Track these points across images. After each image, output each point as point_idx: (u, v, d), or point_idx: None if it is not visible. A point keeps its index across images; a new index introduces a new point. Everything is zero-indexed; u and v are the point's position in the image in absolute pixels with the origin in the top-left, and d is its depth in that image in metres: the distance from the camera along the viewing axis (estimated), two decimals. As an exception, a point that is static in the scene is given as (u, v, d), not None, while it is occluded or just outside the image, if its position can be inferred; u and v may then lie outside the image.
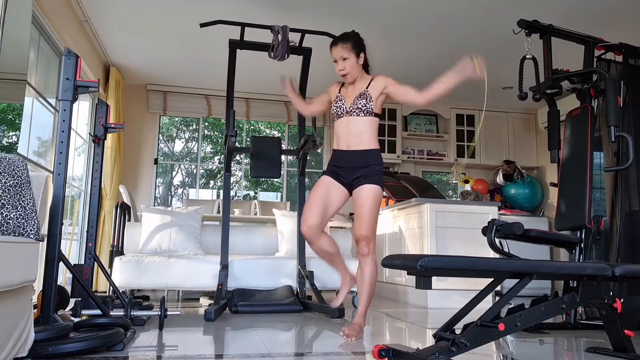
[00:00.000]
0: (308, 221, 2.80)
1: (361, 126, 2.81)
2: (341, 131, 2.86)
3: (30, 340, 1.87)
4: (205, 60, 5.64)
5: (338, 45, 2.83)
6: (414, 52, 5.29)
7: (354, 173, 2.81)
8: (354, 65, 2.82)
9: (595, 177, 3.45)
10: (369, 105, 2.79)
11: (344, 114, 2.84)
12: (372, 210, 2.75)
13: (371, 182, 2.76)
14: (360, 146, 2.81)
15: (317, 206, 2.81)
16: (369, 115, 2.80)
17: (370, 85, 2.82)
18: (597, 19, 4.42)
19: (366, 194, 2.75)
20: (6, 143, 3.51)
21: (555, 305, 2.01)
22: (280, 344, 2.46)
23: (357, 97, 2.81)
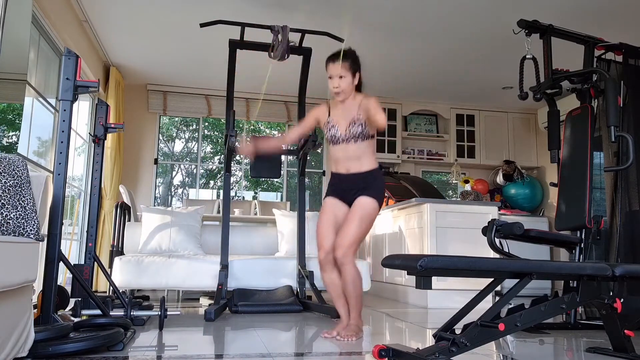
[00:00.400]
0: (324, 246, 2.77)
1: (359, 151, 2.78)
2: (339, 156, 2.83)
3: (30, 340, 1.87)
4: (205, 60, 5.64)
5: (336, 62, 2.76)
6: (414, 52, 5.29)
7: (354, 192, 2.79)
8: (349, 84, 2.77)
9: (595, 177, 3.45)
10: (364, 131, 2.75)
11: (339, 142, 2.81)
12: (360, 222, 2.69)
13: (367, 195, 2.73)
14: (360, 169, 2.79)
15: (329, 230, 2.79)
16: (366, 140, 2.78)
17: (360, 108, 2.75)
18: (597, 19, 4.42)
19: (359, 205, 2.72)
20: (6, 143, 3.51)
21: (555, 305, 2.01)
22: (280, 344, 2.46)
23: (350, 125, 2.77)
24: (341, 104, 2.85)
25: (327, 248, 2.77)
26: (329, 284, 2.84)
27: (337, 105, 2.87)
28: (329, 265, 2.78)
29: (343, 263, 2.68)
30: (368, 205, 2.72)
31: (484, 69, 5.71)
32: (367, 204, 2.72)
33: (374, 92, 6.48)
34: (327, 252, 2.76)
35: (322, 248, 2.78)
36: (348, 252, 2.67)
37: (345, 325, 2.72)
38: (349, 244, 2.67)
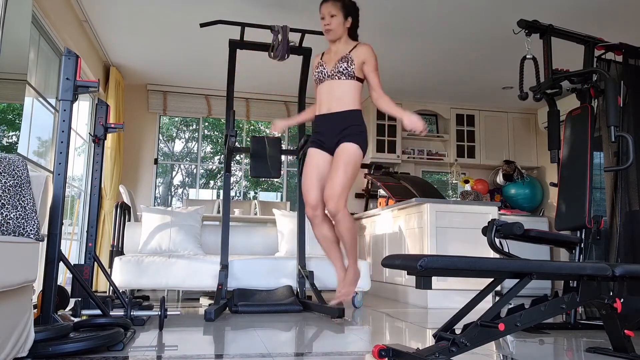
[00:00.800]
0: (310, 201, 2.78)
1: (343, 89, 2.77)
2: (323, 96, 2.83)
3: (30, 340, 1.87)
4: (205, 60, 5.64)
5: (329, 1, 2.83)
6: (414, 52, 5.29)
7: (335, 136, 2.77)
8: (340, 23, 2.80)
9: (595, 177, 3.45)
10: (350, 69, 2.75)
11: (325, 78, 2.82)
12: (346, 167, 2.67)
13: (349, 141, 2.71)
14: (341, 108, 2.77)
15: (314, 183, 2.79)
16: (351, 79, 2.77)
17: (353, 50, 2.79)
18: (597, 19, 4.42)
19: (342, 151, 2.70)
20: (6, 143, 3.51)
21: (555, 305, 2.01)
22: (280, 344, 2.46)
23: (338, 61, 2.78)
24: (333, 47, 2.87)
25: (314, 202, 2.78)
26: (320, 236, 2.87)
27: (329, 50, 2.91)
28: (318, 218, 2.81)
29: (336, 213, 2.68)
30: (351, 150, 2.70)
31: (484, 69, 5.71)
32: (350, 149, 2.70)
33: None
34: (314, 206, 2.78)
35: (309, 203, 2.80)
36: (339, 203, 2.67)
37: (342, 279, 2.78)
38: (338, 194, 2.66)
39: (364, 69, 2.80)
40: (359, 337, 2.76)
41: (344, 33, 2.85)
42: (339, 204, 2.67)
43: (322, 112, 2.84)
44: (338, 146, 2.75)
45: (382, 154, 6.61)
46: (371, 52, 2.81)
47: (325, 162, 2.82)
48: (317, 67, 2.90)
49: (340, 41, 2.85)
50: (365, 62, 2.78)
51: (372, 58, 2.80)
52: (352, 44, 2.85)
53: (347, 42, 2.86)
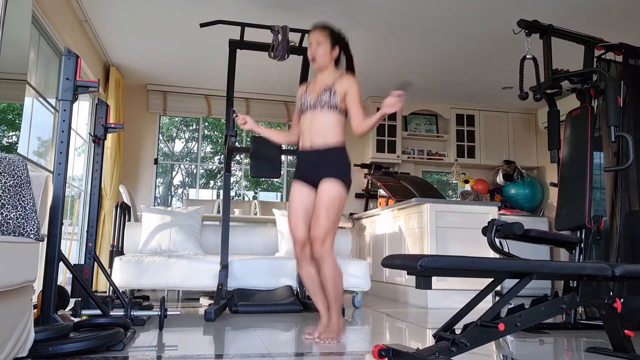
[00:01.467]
0: (298, 239, 2.72)
1: (325, 121, 2.71)
2: (305, 128, 2.78)
3: (30, 340, 1.87)
4: (205, 60, 5.64)
5: (316, 30, 2.80)
6: (414, 52, 5.29)
7: (318, 172, 2.71)
8: (326, 53, 2.75)
9: (595, 177, 3.45)
10: (332, 100, 2.70)
11: (308, 109, 2.77)
12: (329, 209, 2.61)
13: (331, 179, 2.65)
14: (323, 144, 2.71)
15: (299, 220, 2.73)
16: (334, 111, 2.71)
17: (337, 81, 2.74)
18: (597, 18, 4.42)
19: (323, 190, 2.64)
20: (6, 143, 3.51)
21: (555, 305, 2.01)
22: (280, 344, 2.46)
23: (321, 92, 2.74)
24: (319, 77, 2.83)
25: (301, 240, 2.71)
26: (306, 279, 2.76)
27: (315, 81, 2.87)
28: (306, 260, 2.72)
29: (321, 258, 2.60)
30: (332, 191, 2.64)
31: (484, 69, 5.71)
32: (332, 190, 2.64)
33: (374, 91, 6.49)
34: (302, 244, 2.71)
35: (297, 241, 2.73)
36: (325, 245, 2.60)
37: (326, 325, 2.64)
38: (322, 236, 2.60)
39: (346, 99, 2.72)
40: (359, 337, 2.76)
41: (329, 62, 2.79)
42: (324, 246, 2.60)
43: (305, 148, 2.78)
44: (320, 182, 2.68)
45: (382, 154, 6.61)
46: (354, 82, 2.73)
47: (309, 198, 2.76)
48: (300, 97, 2.85)
49: (326, 70, 2.80)
50: (348, 92, 2.71)
51: (354, 88, 2.72)
52: (337, 74, 2.79)
53: (333, 72, 2.80)
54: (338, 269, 2.66)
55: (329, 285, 2.62)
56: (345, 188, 2.70)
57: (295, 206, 2.77)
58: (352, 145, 6.65)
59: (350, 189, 2.76)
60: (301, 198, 2.77)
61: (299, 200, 2.77)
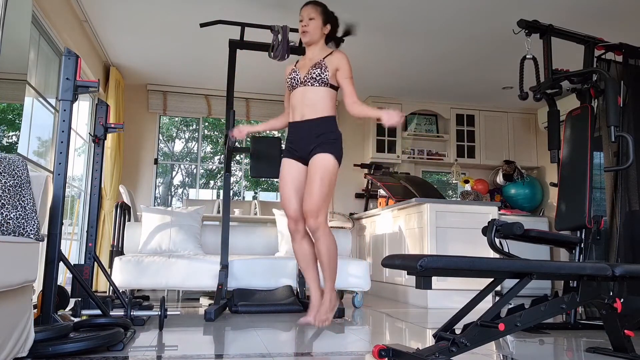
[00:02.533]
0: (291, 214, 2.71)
1: (316, 96, 2.70)
2: (296, 102, 2.77)
3: (30, 340, 1.88)
4: (205, 60, 5.64)
5: (309, 5, 2.81)
6: (414, 52, 5.29)
7: (309, 145, 2.69)
8: (318, 27, 2.76)
9: (595, 177, 3.45)
10: (323, 75, 2.69)
11: (298, 85, 2.75)
12: (322, 181, 2.59)
13: (323, 151, 2.63)
14: (314, 115, 2.70)
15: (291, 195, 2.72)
16: (324, 86, 2.70)
17: (327, 57, 2.74)
18: (597, 19, 4.42)
19: (317, 163, 2.62)
20: (6, 143, 3.51)
21: (555, 305, 2.01)
22: (280, 344, 2.46)
23: (312, 67, 2.72)
24: (308, 53, 2.82)
25: (295, 214, 2.70)
26: (299, 254, 2.75)
27: (304, 57, 2.87)
28: (299, 234, 2.72)
29: (316, 230, 2.59)
30: (325, 162, 2.62)
31: (484, 69, 5.71)
32: (324, 161, 2.62)
33: (374, 91, 6.49)
34: (296, 219, 2.70)
35: (290, 216, 2.72)
36: (319, 218, 2.59)
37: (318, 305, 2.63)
38: (316, 209, 2.58)
39: (338, 75, 2.72)
40: (359, 337, 2.76)
41: (320, 38, 2.79)
42: (318, 219, 2.58)
43: (295, 120, 2.76)
44: (312, 156, 2.66)
45: (382, 154, 6.61)
46: (345, 60, 2.73)
47: (300, 172, 2.74)
48: (290, 73, 2.83)
49: (316, 47, 2.79)
50: (339, 69, 2.71)
51: (346, 65, 2.72)
52: (328, 51, 2.79)
53: (323, 49, 2.80)
54: (333, 240, 2.65)
55: (324, 258, 2.61)
56: (337, 161, 2.68)
57: (287, 181, 2.75)
58: (352, 145, 6.67)
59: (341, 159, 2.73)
60: (292, 173, 2.76)
61: (290, 175, 2.76)
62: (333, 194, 2.73)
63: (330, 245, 2.62)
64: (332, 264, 2.62)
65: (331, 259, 2.62)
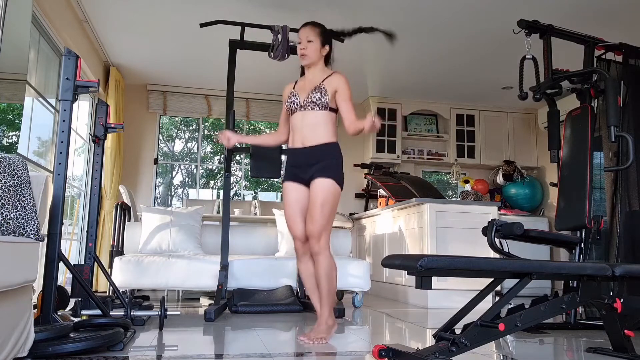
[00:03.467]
0: (299, 235, 2.73)
1: (316, 120, 2.71)
2: (296, 127, 2.77)
3: (30, 340, 1.87)
4: (205, 60, 5.64)
5: (307, 27, 2.79)
6: (414, 52, 5.29)
7: (310, 170, 2.70)
8: (316, 50, 2.75)
9: (595, 177, 3.45)
10: (323, 99, 2.69)
11: (297, 109, 2.75)
12: (323, 206, 2.62)
13: (324, 176, 2.64)
14: (315, 141, 2.70)
15: (297, 217, 2.74)
16: (324, 110, 2.71)
17: (326, 80, 2.74)
18: (597, 19, 4.42)
19: (317, 188, 2.64)
20: (6, 143, 3.51)
21: (555, 305, 2.01)
22: (280, 344, 2.46)
23: (311, 91, 2.73)
24: (308, 74, 2.82)
25: (301, 236, 2.73)
26: (305, 275, 2.77)
27: (303, 79, 2.86)
28: (306, 255, 2.74)
29: (317, 252, 2.63)
30: (326, 188, 2.64)
31: (484, 69, 5.71)
32: (325, 187, 2.64)
33: (374, 92, 6.49)
34: (302, 240, 2.72)
35: (297, 237, 2.74)
36: (321, 241, 2.62)
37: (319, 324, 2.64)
38: (318, 233, 2.61)
39: (337, 97, 2.72)
40: (359, 337, 2.76)
41: (319, 60, 2.78)
42: (320, 242, 2.62)
43: (296, 146, 2.76)
44: (313, 180, 2.67)
45: (382, 154, 6.61)
46: (344, 81, 2.73)
47: (303, 194, 2.76)
48: (289, 97, 2.82)
49: (315, 68, 2.79)
50: (338, 91, 2.71)
51: (345, 87, 2.72)
52: (327, 73, 2.78)
53: (323, 71, 2.80)
54: (333, 265, 2.67)
55: (323, 281, 2.63)
56: (339, 186, 2.70)
57: (291, 205, 2.77)
58: (352, 145, 6.67)
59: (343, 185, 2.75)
60: (295, 196, 2.77)
61: (293, 198, 2.77)
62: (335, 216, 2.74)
63: (330, 269, 2.65)
64: (330, 287, 2.66)
65: (330, 283, 2.65)
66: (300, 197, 2.76)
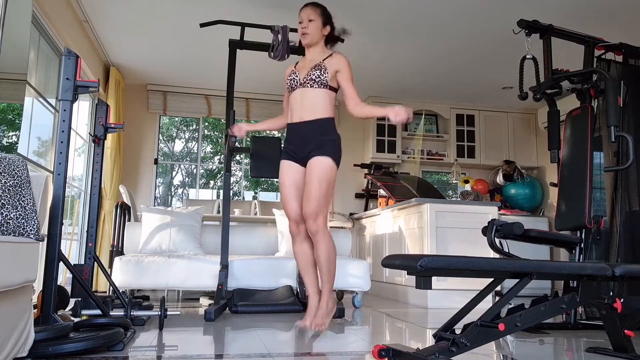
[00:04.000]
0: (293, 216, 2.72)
1: (315, 98, 2.71)
2: (295, 104, 2.77)
3: (30, 340, 1.87)
4: (205, 60, 5.64)
5: (308, 7, 2.81)
6: (414, 52, 5.29)
7: (307, 146, 2.70)
8: (317, 29, 2.77)
9: (595, 177, 3.45)
10: (322, 77, 2.70)
11: (297, 86, 2.76)
12: (320, 184, 2.60)
13: (321, 154, 2.63)
14: (312, 116, 2.70)
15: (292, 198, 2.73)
16: (324, 88, 2.71)
17: (327, 59, 2.75)
18: (597, 19, 4.42)
19: (314, 166, 2.63)
20: (6, 143, 3.51)
21: (555, 305, 2.01)
22: (280, 344, 2.46)
23: (311, 69, 2.73)
24: (308, 55, 2.83)
25: (296, 216, 2.72)
26: (299, 255, 2.76)
27: (304, 59, 2.87)
28: (301, 236, 2.73)
29: (315, 232, 2.61)
30: (324, 165, 2.63)
31: (484, 69, 5.71)
32: (323, 164, 2.63)
33: (374, 91, 6.49)
34: (297, 221, 2.72)
35: (291, 218, 2.73)
36: (318, 221, 2.60)
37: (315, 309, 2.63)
38: (315, 212, 2.60)
39: (338, 77, 2.73)
40: (359, 337, 2.76)
41: (320, 40, 2.80)
42: (317, 221, 2.60)
43: (294, 121, 2.76)
44: (310, 158, 2.66)
45: (382, 154, 6.61)
46: (345, 62, 2.74)
47: (300, 174, 2.75)
48: (289, 75, 2.83)
49: (316, 48, 2.80)
50: (339, 71, 2.72)
51: (346, 67, 2.73)
52: (327, 53, 2.80)
53: (323, 51, 2.81)
54: (332, 244, 2.66)
55: (323, 262, 2.62)
56: (336, 164, 2.69)
57: (286, 184, 2.76)
58: (352, 145, 6.67)
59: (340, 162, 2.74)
60: (291, 175, 2.76)
61: (289, 177, 2.77)
62: (332, 195, 2.73)
63: (329, 248, 2.63)
64: (330, 267, 2.63)
65: (330, 263, 2.63)
66: (296, 177, 2.75)
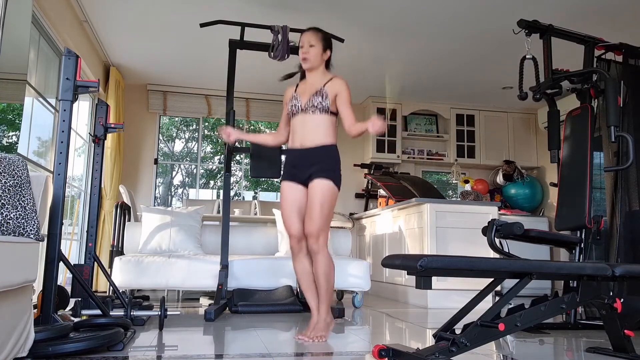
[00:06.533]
0: (294, 233, 2.76)
1: (316, 123, 2.75)
2: (296, 129, 2.81)
3: (30, 340, 1.88)
4: (205, 60, 5.64)
5: (309, 32, 2.85)
6: (414, 52, 5.29)
7: (307, 170, 2.74)
8: (318, 54, 2.80)
9: (595, 177, 3.45)
10: (324, 103, 2.74)
11: (298, 112, 2.80)
12: (322, 206, 2.66)
13: (322, 177, 2.68)
14: (314, 143, 2.75)
15: (293, 216, 2.76)
16: (325, 113, 2.75)
17: (327, 84, 2.78)
18: (597, 18, 4.42)
19: (316, 189, 2.68)
20: (6, 143, 3.52)
21: (555, 305, 2.01)
22: (280, 344, 2.46)
23: (313, 95, 2.77)
24: (309, 78, 2.86)
25: (297, 234, 2.75)
26: (301, 271, 2.80)
27: (305, 82, 2.90)
28: (302, 253, 2.77)
29: (316, 252, 2.66)
30: (326, 188, 2.68)
31: (484, 69, 5.71)
32: (325, 187, 2.68)
33: (374, 91, 6.49)
34: (299, 238, 2.75)
35: (293, 236, 2.77)
36: (319, 240, 2.66)
37: (315, 323, 2.68)
38: (317, 232, 2.65)
39: (337, 101, 2.77)
40: (359, 337, 2.76)
41: (320, 64, 2.84)
42: (319, 241, 2.66)
43: (295, 147, 2.81)
44: (311, 181, 2.71)
45: (382, 154, 6.61)
46: (345, 86, 2.80)
47: (301, 193, 2.79)
48: (290, 99, 2.87)
49: (316, 72, 2.84)
50: (338, 95, 2.77)
51: (345, 91, 2.78)
52: (328, 77, 2.84)
53: (324, 75, 2.85)
54: (331, 264, 2.71)
55: (322, 280, 2.68)
56: (336, 187, 2.73)
57: (288, 201, 2.80)
58: (352, 145, 6.67)
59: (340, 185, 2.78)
60: (292, 195, 2.80)
61: (290, 197, 2.80)
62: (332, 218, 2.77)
63: (328, 268, 2.69)
64: (329, 285, 2.71)
65: (328, 281, 2.70)
66: (297, 196, 2.79)
